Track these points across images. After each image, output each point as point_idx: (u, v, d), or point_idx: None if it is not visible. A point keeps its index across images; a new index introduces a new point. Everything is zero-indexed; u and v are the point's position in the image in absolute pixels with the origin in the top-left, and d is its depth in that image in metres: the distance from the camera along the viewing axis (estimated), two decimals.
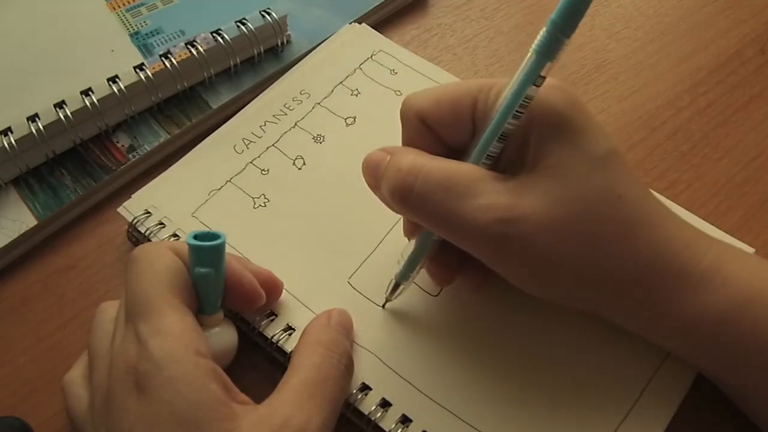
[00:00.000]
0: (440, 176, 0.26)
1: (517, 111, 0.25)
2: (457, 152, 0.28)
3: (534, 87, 0.25)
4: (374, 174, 0.28)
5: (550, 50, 0.24)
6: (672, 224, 0.26)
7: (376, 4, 0.44)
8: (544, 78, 0.25)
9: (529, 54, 0.25)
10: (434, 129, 0.28)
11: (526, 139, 0.26)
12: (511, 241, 0.25)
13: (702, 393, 0.30)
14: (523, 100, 0.25)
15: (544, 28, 0.24)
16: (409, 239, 0.30)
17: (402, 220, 0.32)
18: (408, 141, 0.29)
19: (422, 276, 0.32)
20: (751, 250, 0.33)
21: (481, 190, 0.25)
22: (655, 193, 0.29)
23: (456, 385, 0.29)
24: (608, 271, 0.25)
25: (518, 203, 0.25)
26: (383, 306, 0.32)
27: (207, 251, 0.27)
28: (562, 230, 0.25)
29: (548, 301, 0.28)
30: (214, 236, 0.27)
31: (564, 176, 0.25)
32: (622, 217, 0.25)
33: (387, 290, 0.31)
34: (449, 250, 0.29)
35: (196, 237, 0.27)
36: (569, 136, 0.25)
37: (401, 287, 0.30)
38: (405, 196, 0.26)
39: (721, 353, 0.26)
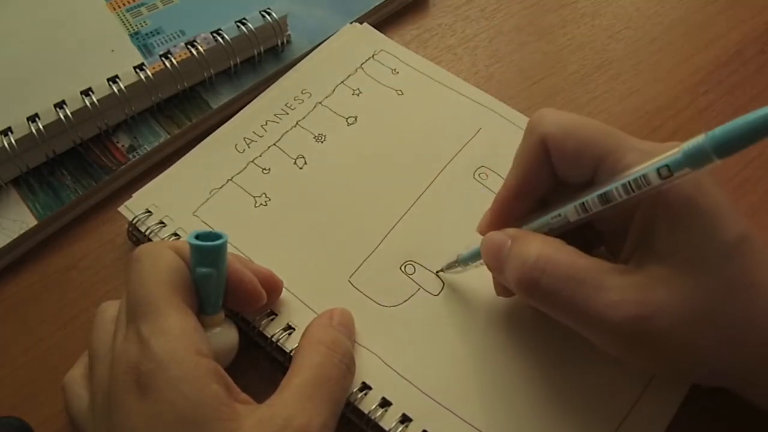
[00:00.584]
0: (568, 271, 0.25)
1: (629, 184, 0.24)
2: (561, 185, 0.28)
3: (658, 177, 0.23)
4: (497, 259, 0.28)
5: (696, 161, 0.22)
6: None
7: (377, 4, 0.44)
8: (671, 175, 0.23)
9: (677, 149, 0.23)
10: (552, 154, 0.27)
11: (652, 227, 0.25)
12: (645, 336, 0.24)
13: (700, 395, 0.30)
14: (641, 179, 0.24)
15: (704, 137, 0.22)
16: (480, 233, 0.30)
17: (482, 217, 0.31)
18: (522, 155, 0.29)
19: (423, 276, 0.32)
20: None
21: (610, 285, 0.25)
22: None
23: (456, 385, 0.29)
24: (744, 362, 0.25)
25: (651, 299, 0.24)
26: (437, 273, 0.33)
27: (208, 251, 0.27)
28: (698, 323, 0.24)
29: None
30: (215, 236, 0.27)
31: (697, 267, 0.24)
32: (757, 310, 0.24)
33: (446, 263, 0.32)
34: None
35: (197, 237, 0.27)
36: (700, 223, 0.24)
37: (458, 268, 0.31)
38: (532, 290, 0.26)
39: None
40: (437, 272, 0.33)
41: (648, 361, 0.27)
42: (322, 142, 0.37)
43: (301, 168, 0.37)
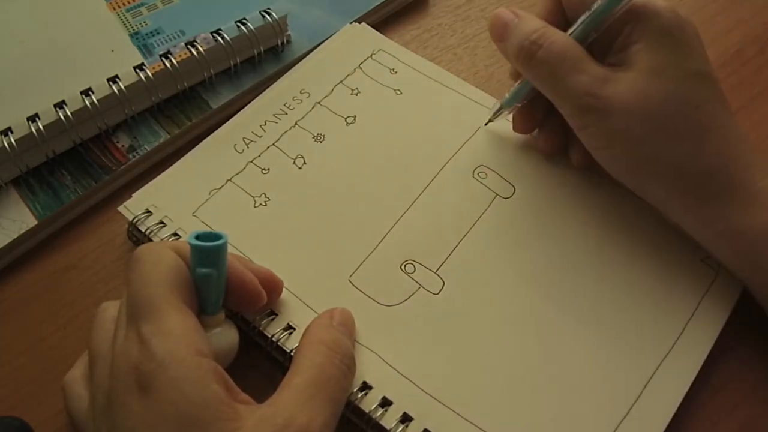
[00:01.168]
0: (559, 49, 0.31)
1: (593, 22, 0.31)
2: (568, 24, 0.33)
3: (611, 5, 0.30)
4: (502, 31, 0.34)
5: None
6: (743, 146, 0.30)
7: (376, 4, 0.44)
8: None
9: None
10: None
11: (633, 41, 0.31)
12: (593, 112, 0.30)
13: (701, 392, 0.30)
14: (597, 16, 0.31)
15: None
16: (513, 81, 0.36)
17: (510, 67, 0.37)
18: None
19: (423, 275, 0.32)
20: None
21: (585, 68, 0.31)
22: None
23: (457, 383, 0.29)
24: (677, 166, 0.30)
25: (610, 87, 0.30)
26: (486, 124, 0.37)
27: (209, 252, 0.27)
28: (641, 117, 0.30)
29: (623, 183, 0.33)
30: (215, 236, 0.27)
31: (656, 77, 0.30)
32: (695, 123, 0.30)
33: (491, 112, 0.37)
34: (537, 106, 0.35)
35: (197, 237, 0.27)
36: (671, 47, 0.30)
37: (503, 111, 0.36)
38: (528, 59, 0.32)
39: (764, 267, 0.29)
40: (486, 124, 0.37)
41: (594, 139, 0.32)
42: (321, 142, 0.38)
43: (300, 168, 0.37)
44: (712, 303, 0.31)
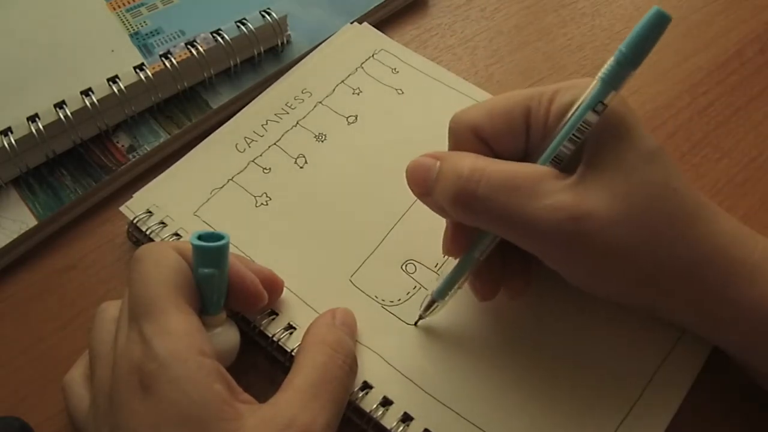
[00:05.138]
0: (503, 177, 0.26)
1: (574, 135, 0.26)
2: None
3: (594, 114, 0.26)
4: (424, 181, 0.28)
5: (615, 80, 0.25)
6: (722, 218, 0.27)
7: (376, 4, 0.44)
8: (605, 106, 0.26)
9: (594, 81, 0.26)
10: (488, 142, 0.28)
11: (587, 143, 0.27)
12: (579, 238, 0.25)
13: (703, 392, 0.30)
14: (582, 125, 0.26)
15: (612, 58, 0.25)
16: (449, 256, 0.30)
17: (443, 238, 0.30)
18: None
19: (423, 274, 0.32)
20: None
21: (545, 189, 0.26)
22: None
23: (457, 383, 0.29)
24: (668, 265, 0.26)
25: (584, 200, 0.25)
26: (415, 323, 0.31)
27: (211, 252, 0.27)
28: (626, 223, 0.25)
29: (603, 297, 0.29)
30: (217, 236, 0.27)
31: (623, 170, 0.25)
32: (679, 212, 0.26)
33: (421, 307, 0.30)
34: (493, 265, 0.29)
35: (200, 237, 0.27)
36: (622, 133, 0.26)
37: (436, 305, 0.30)
38: (469, 202, 0.26)
39: None
40: (415, 323, 0.31)
41: (579, 267, 0.27)
42: (322, 141, 0.37)
43: (301, 167, 0.36)
44: None
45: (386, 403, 0.29)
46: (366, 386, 0.29)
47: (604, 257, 0.26)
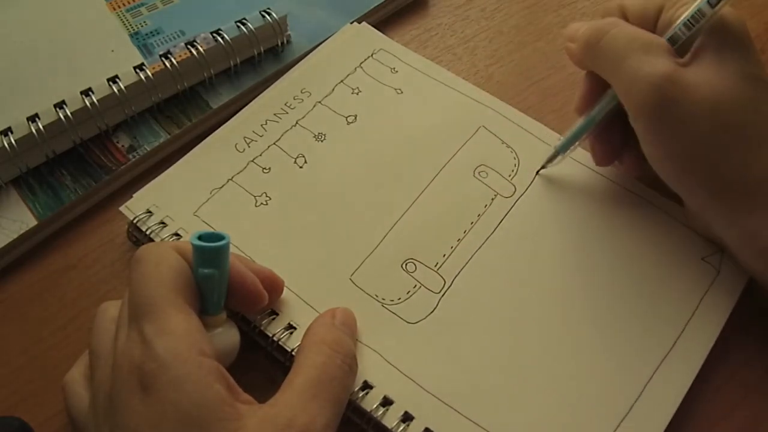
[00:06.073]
0: (631, 30, 0.31)
1: (689, 21, 0.30)
2: None
3: (709, 6, 0.29)
4: (574, 31, 0.34)
5: None
6: None
7: (376, 4, 0.44)
8: (719, 1, 0.29)
9: None
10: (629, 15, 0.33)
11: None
12: (670, 105, 0.29)
13: (701, 392, 0.30)
14: (697, 13, 0.30)
15: None
16: (578, 113, 0.34)
17: (577, 95, 0.35)
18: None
19: (424, 273, 0.32)
20: None
21: (656, 50, 0.30)
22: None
23: (458, 382, 0.29)
24: (731, 172, 0.29)
25: (684, 73, 0.29)
26: (537, 172, 0.35)
27: (211, 252, 0.27)
28: (712, 110, 0.29)
29: (674, 190, 0.32)
30: (218, 237, 0.27)
31: (723, 73, 0.29)
32: (757, 128, 0.29)
33: (545, 159, 0.35)
34: (612, 136, 0.34)
35: (200, 237, 0.27)
36: (734, 48, 0.30)
37: (559, 157, 0.35)
38: (596, 40, 0.32)
39: None
40: (537, 172, 0.35)
41: (669, 148, 0.30)
42: (322, 141, 0.38)
43: (301, 167, 0.36)
44: (713, 302, 0.31)
45: (387, 402, 0.29)
46: (366, 386, 0.29)
47: (678, 128, 0.29)
